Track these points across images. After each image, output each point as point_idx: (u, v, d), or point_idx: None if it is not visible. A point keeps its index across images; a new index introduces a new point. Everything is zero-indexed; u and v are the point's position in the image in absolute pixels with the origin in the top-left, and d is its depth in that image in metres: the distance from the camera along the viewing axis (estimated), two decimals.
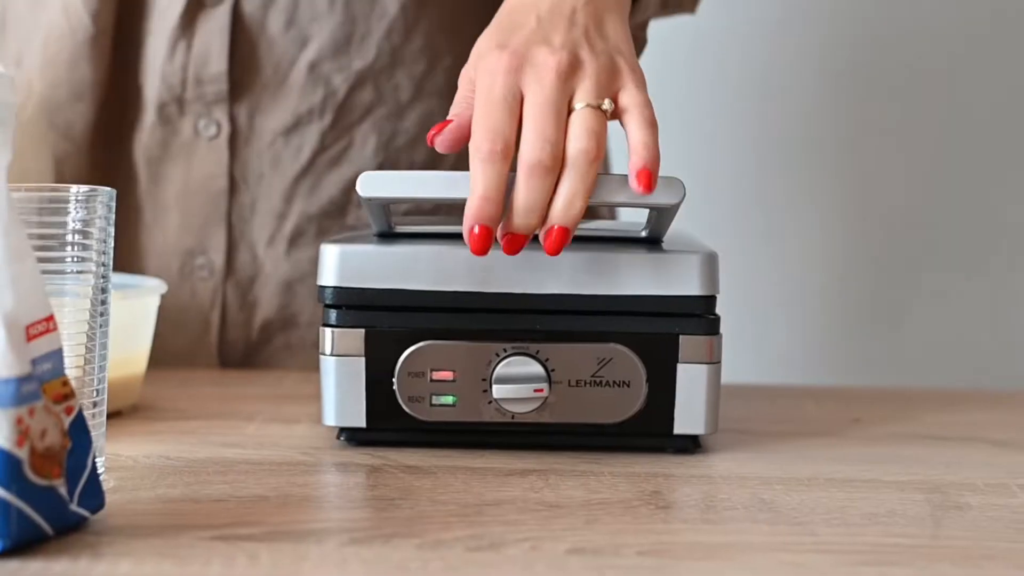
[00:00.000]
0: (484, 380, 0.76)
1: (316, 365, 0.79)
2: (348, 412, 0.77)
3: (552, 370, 0.76)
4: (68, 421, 0.60)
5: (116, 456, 0.75)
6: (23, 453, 0.58)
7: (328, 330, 0.77)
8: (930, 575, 0.59)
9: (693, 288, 0.77)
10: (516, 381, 0.76)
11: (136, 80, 1.03)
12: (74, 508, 0.60)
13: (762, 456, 0.79)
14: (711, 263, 0.77)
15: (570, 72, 0.74)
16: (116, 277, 0.86)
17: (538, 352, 0.76)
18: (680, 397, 0.77)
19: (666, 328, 0.77)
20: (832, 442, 0.83)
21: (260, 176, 1.03)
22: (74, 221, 0.66)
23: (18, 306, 0.58)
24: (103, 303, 0.68)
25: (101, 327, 0.68)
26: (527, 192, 0.72)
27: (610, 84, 0.74)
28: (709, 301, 0.77)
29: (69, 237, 0.66)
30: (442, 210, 0.99)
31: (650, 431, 0.78)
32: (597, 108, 0.73)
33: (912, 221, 1.65)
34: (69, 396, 0.60)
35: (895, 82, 1.64)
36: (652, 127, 0.74)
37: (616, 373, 0.76)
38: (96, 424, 0.68)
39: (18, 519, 0.58)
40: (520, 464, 0.75)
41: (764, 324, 1.66)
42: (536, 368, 0.76)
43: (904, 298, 1.66)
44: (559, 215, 0.72)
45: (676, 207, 0.76)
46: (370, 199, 0.76)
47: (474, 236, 0.72)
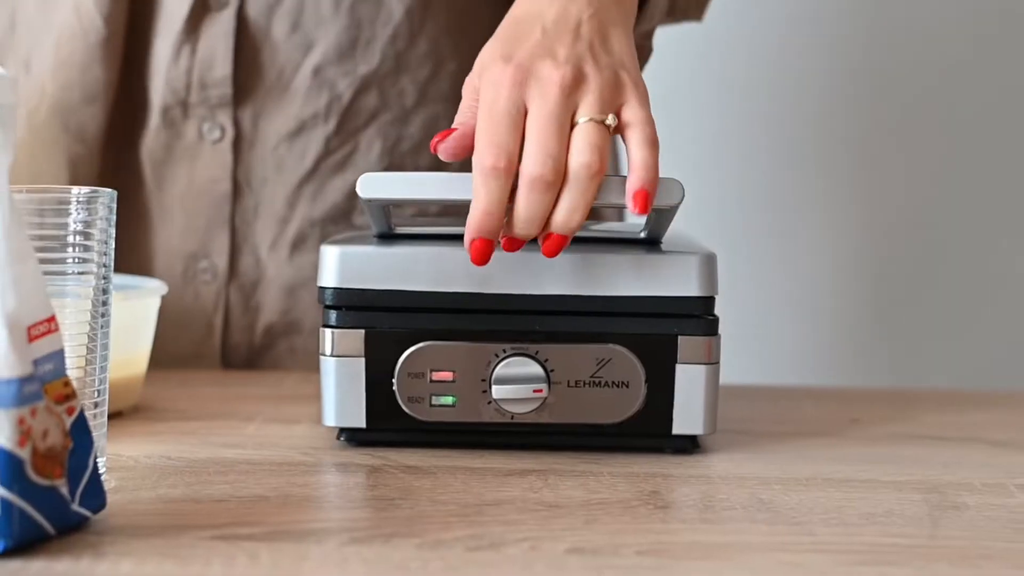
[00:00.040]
0: (483, 381, 0.76)
1: (317, 368, 0.79)
2: (348, 412, 0.77)
3: (551, 371, 0.76)
4: (70, 421, 0.60)
5: (117, 456, 0.75)
6: (25, 453, 0.58)
7: (328, 331, 0.77)
8: (928, 575, 0.59)
9: (692, 289, 0.77)
10: (515, 382, 0.76)
11: (143, 82, 1.03)
12: (76, 508, 0.61)
13: (761, 456, 0.79)
14: (709, 264, 0.77)
15: (574, 86, 0.74)
16: (117, 278, 0.86)
17: (537, 353, 0.76)
18: (679, 397, 0.77)
19: (665, 329, 0.77)
20: (831, 442, 0.83)
21: (264, 180, 1.03)
22: (75, 222, 0.67)
23: (20, 307, 0.59)
24: (104, 304, 0.69)
25: (102, 328, 0.68)
26: (527, 205, 0.73)
27: (613, 99, 0.74)
28: (708, 302, 0.78)
29: (70, 238, 0.66)
30: (451, 211, 0.99)
31: (649, 431, 0.78)
32: (600, 123, 0.73)
33: (914, 222, 1.65)
34: (71, 396, 0.61)
35: (903, 83, 1.64)
36: (653, 146, 0.74)
37: (615, 374, 0.76)
38: (97, 424, 0.68)
39: (20, 519, 0.58)
40: (519, 464, 0.75)
41: (762, 324, 1.66)
42: (535, 369, 0.76)
43: (904, 299, 1.66)
44: (558, 226, 0.73)
45: (675, 208, 0.76)
46: (370, 200, 0.77)
47: (475, 247, 0.73)
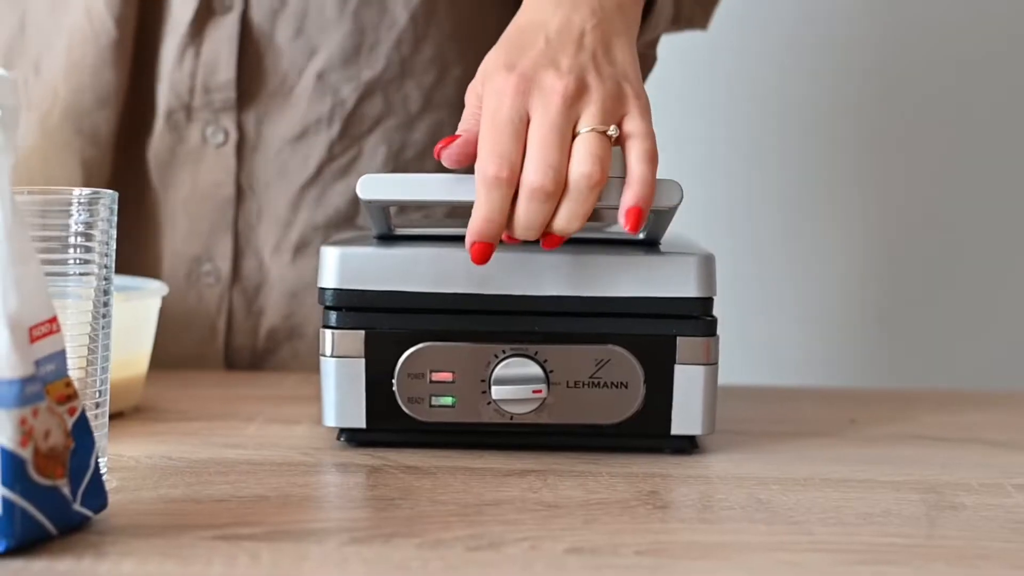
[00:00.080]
0: (483, 381, 0.76)
1: (318, 369, 0.79)
2: (348, 413, 0.78)
3: (550, 371, 0.76)
4: (71, 422, 0.61)
5: (118, 456, 0.75)
6: (27, 453, 0.58)
7: (328, 332, 0.78)
8: (925, 574, 0.60)
9: (690, 290, 0.77)
10: (515, 382, 0.76)
11: (150, 85, 1.02)
12: (77, 508, 0.61)
13: (759, 456, 0.79)
14: (708, 265, 0.78)
15: (576, 96, 0.74)
16: (118, 279, 0.86)
17: (536, 353, 0.76)
18: (677, 398, 0.77)
19: (663, 330, 0.77)
20: (829, 443, 0.83)
21: (267, 185, 1.03)
22: (76, 224, 0.67)
23: (22, 308, 0.59)
24: (106, 305, 0.69)
25: (103, 329, 0.69)
26: (527, 213, 0.73)
27: (615, 109, 0.75)
28: (706, 303, 0.78)
29: (72, 239, 0.67)
30: (454, 213, 0.99)
31: (648, 432, 0.78)
32: (602, 133, 0.74)
33: (916, 224, 1.65)
34: (72, 397, 0.61)
35: (907, 84, 1.64)
36: (652, 161, 0.74)
37: (614, 374, 0.77)
38: (99, 425, 0.68)
39: (22, 519, 0.58)
40: (519, 464, 0.76)
41: (760, 325, 1.66)
42: (535, 369, 0.76)
43: (902, 300, 1.66)
44: (558, 232, 0.74)
45: (673, 210, 0.76)
46: (370, 201, 0.77)
47: (475, 249, 0.74)
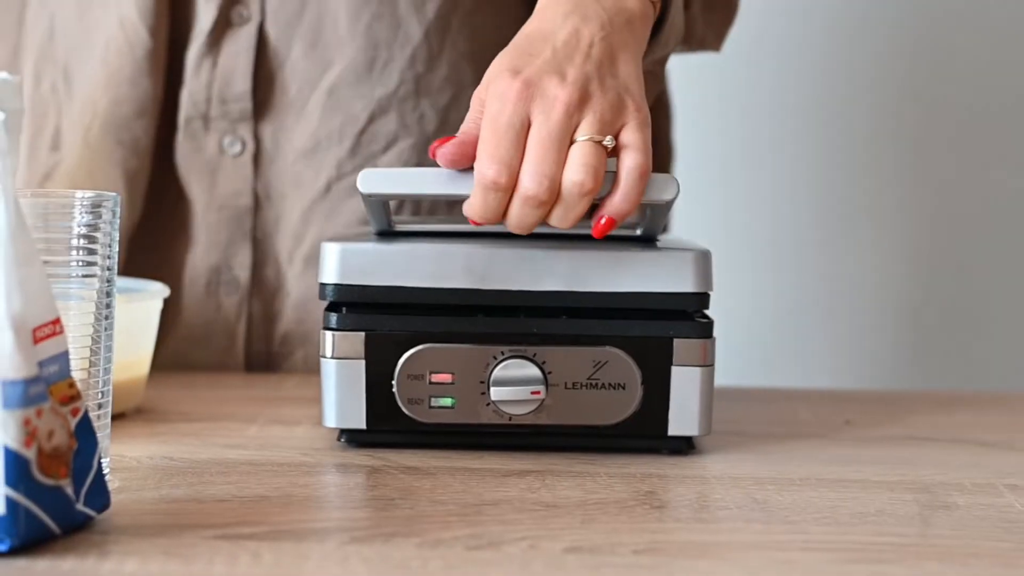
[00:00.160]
0: (482, 383, 0.77)
1: (318, 370, 0.80)
2: (348, 414, 0.78)
3: (549, 373, 0.77)
4: (74, 422, 0.61)
5: (121, 457, 0.76)
6: (31, 453, 0.59)
7: (328, 333, 0.78)
8: (918, 573, 0.60)
9: (687, 285, 0.78)
10: (514, 383, 0.77)
11: (175, 93, 1.02)
12: (80, 508, 0.61)
13: (755, 457, 0.80)
14: (704, 261, 0.78)
15: (578, 106, 0.75)
16: (119, 281, 0.87)
17: (535, 355, 0.77)
18: (674, 399, 0.78)
19: (661, 331, 0.78)
20: (824, 443, 0.84)
21: (283, 195, 1.02)
22: (79, 226, 0.67)
23: (25, 309, 0.59)
24: (108, 307, 0.69)
25: (106, 330, 0.69)
26: (520, 216, 0.75)
27: (614, 120, 0.75)
28: (702, 298, 0.78)
29: (75, 242, 0.67)
30: (457, 209, 1.00)
31: (645, 433, 0.79)
32: (598, 143, 0.74)
33: (919, 225, 1.65)
34: (75, 398, 0.61)
35: (920, 81, 1.64)
36: (641, 176, 0.75)
37: (612, 376, 0.77)
38: (101, 425, 0.69)
39: (26, 518, 0.59)
40: (518, 465, 0.76)
41: (758, 327, 1.66)
42: (533, 371, 0.77)
43: (901, 301, 1.67)
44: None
45: (669, 205, 0.77)
46: (370, 195, 0.77)
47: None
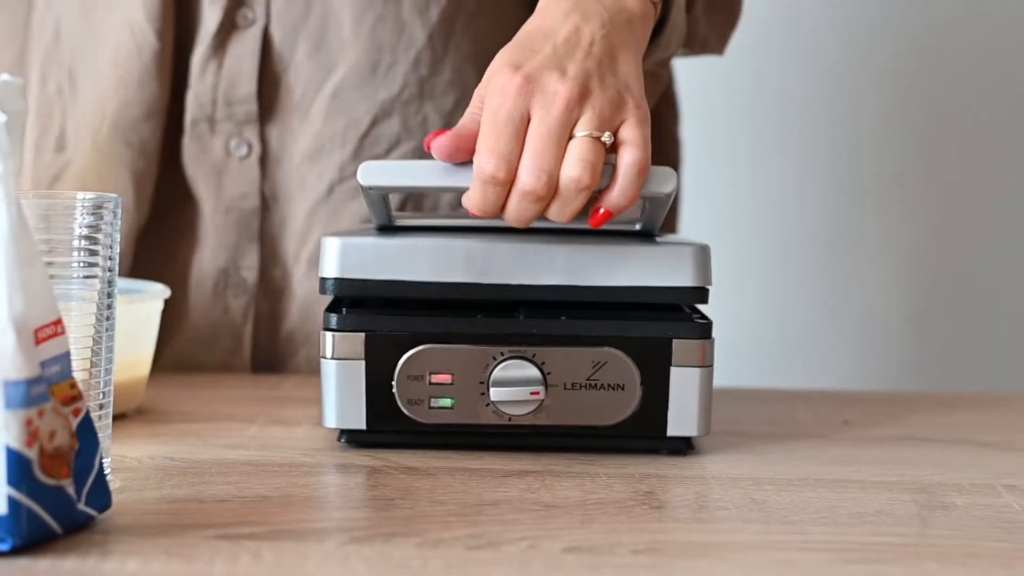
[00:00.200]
0: (482, 383, 0.77)
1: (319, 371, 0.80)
2: (348, 414, 0.78)
3: (548, 373, 0.77)
4: (76, 422, 0.61)
5: (122, 457, 0.76)
6: (33, 453, 0.59)
7: (329, 334, 0.78)
8: (916, 573, 0.60)
9: (686, 279, 0.78)
10: (513, 384, 0.77)
11: (182, 95, 1.02)
12: (82, 507, 0.62)
13: (753, 457, 0.80)
14: (703, 255, 0.79)
15: (577, 102, 0.75)
16: (120, 282, 0.87)
17: (534, 356, 0.77)
18: (673, 400, 0.78)
19: (660, 332, 0.78)
20: (822, 444, 0.84)
21: (288, 196, 1.03)
22: (81, 227, 0.68)
23: (27, 310, 0.59)
24: (109, 307, 0.69)
25: (107, 331, 0.69)
26: (518, 210, 0.75)
27: (614, 117, 0.76)
28: (701, 292, 0.79)
29: (76, 243, 0.68)
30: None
31: (644, 433, 0.79)
32: (596, 139, 0.75)
33: (920, 227, 1.65)
34: (77, 398, 0.62)
35: (926, 82, 1.64)
36: (639, 173, 0.75)
37: (611, 376, 0.77)
38: (102, 426, 0.69)
39: (28, 518, 0.59)
40: (517, 465, 0.77)
41: (765, 326, 1.66)
42: (532, 371, 0.77)
43: (898, 303, 1.67)
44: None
45: (668, 197, 0.77)
46: (371, 188, 0.78)
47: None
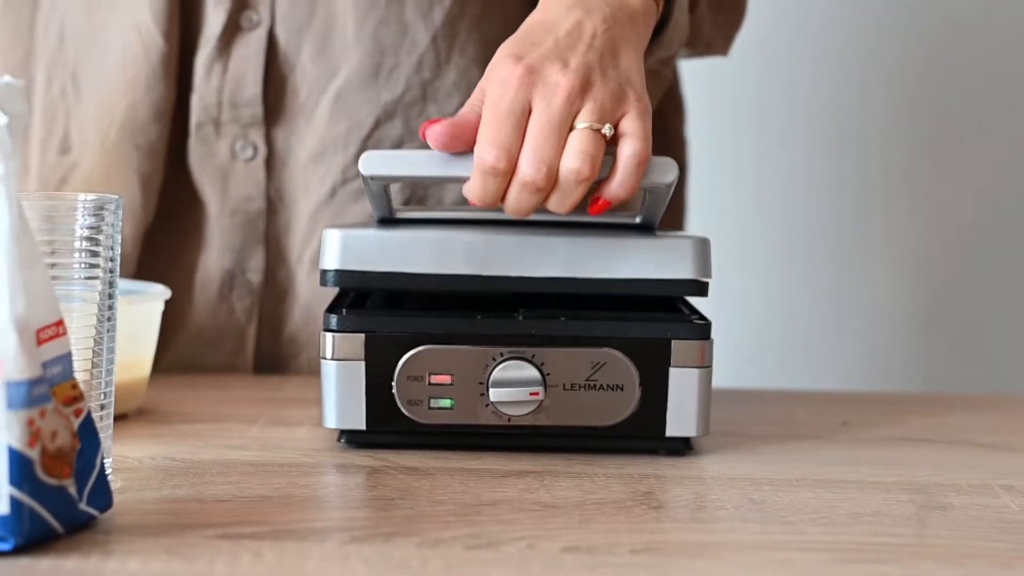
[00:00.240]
0: (481, 384, 0.77)
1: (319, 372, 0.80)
2: (348, 415, 0.79)
3: (547, 374, 0.77)
4: (77, 423, 0.62)
5: (123, 458, 0.76)
6: (34, 454, 0.59)
7: (328, 335, 0.79)
8: (914, 573, 0.61)
9: (686, 272, 0.78)
10: (512, 385, 0.77)
11: (186, 99, 1.02)
12: (83, 507, 0.62)
13: (752, 458, 0.80)
14: (703, 248, 0.79)
15: (579, 94, 0.75)
16: (121, 283, 0.87)
17: (534, 356, 0.77)
18: (672, 400, 0.78)
19: (659, 333, 0.78)
20: (820, 444, 0.84)
21: (294, 197, 1.02)
22: (82, 228, 0.68)
23: (29, 311, 0.60)
24: (110, 308, 0.70)
25: (108, 332, 0.70)
26: (517, 201, 0.76)
27: (615, 109, 0.76)
28: (701, 285, 0.79)
29: (78, 244, 0.68)
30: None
31: (643, 433, 0.79)
32: (597, 131, 0.75)
33: (926, 225, 1.66)
34: (78, 398, 0.62)
35: (929, 82, 1.64)
36: (639, 165, 0.76)
37: (610, 377, 0.78)
38: (104, 426, 0.69)
39: (30, 518, 0.59)
40: (516, 465, 0.77)
41: (769, 326, 1.66)
42: (532, 372, 0.77)
43: (897, 304, 1.67)
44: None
45: (669, 188, 0.77)
46: (372, 177, 0.78)
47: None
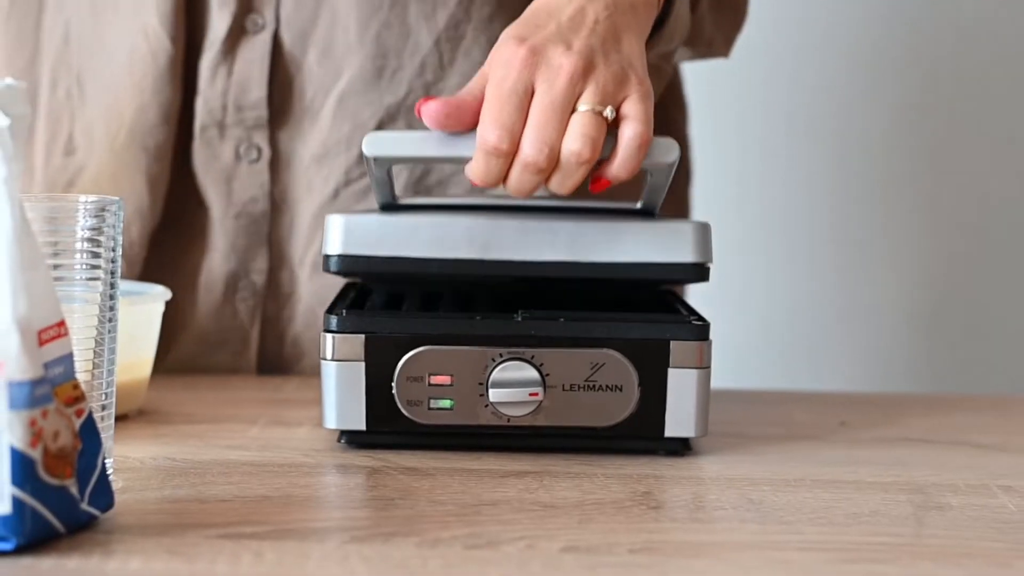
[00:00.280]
0: (481, 384, 0.78)
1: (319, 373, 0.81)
2: (348, 415, 0.79)
3: (547, 375, 0.78)
4: (79, 423, 0.62)
5: (124, 458, 0.77)
6: (36, 454, 0.59)
7: (329, 336, 0.79)
8: (912, 573, 0.61)
9: (687, 255, 0.79)
10: (512, 385, 0.77)
11: (191, 101, 1.02)
12: (85, 507, 0.62)
13: (750, 458, 0.80)
14: (704, 232, 0.79)
15: (581, 76, 0.76)
16: (121, 284, 0.87)
17: (533, 357, 0.78)
18: (671, 401, 0.79)
19: (657, 334, 0.78)
20: (819, 445, 0.85)
21: (297, 199, 1.03)
22: (83, 229, 0.68)
23: (31, 311, 0.60)
24: (111, 309, 0.70)
25: (110, 332, 0.70)
26: (519, 182, 0.77)
27: (617, 92, 0.77)
28: (701, 269, 0.79)
29: (79, 245, 0.68)
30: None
31: (642, 434, 0.79)
32: (599, 114, 0.75)
33: (929, 226, 1.66)
34: (80, 399, 0.62)
35: (930, 82, 1.64)
36: (640, 147, 0.76)
37: (609, 377, 0.78)
38: (105, 426, 0.69)
39: (32, 517, 0.59)
40: (516, 466, 0.77)
41: (771, 326, 1.66)
42: (531, 373, 0.77)
43: (917, 302, 1.67)
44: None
45: (670, 169, 0.78)
46: (375, 158, 0.78)
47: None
